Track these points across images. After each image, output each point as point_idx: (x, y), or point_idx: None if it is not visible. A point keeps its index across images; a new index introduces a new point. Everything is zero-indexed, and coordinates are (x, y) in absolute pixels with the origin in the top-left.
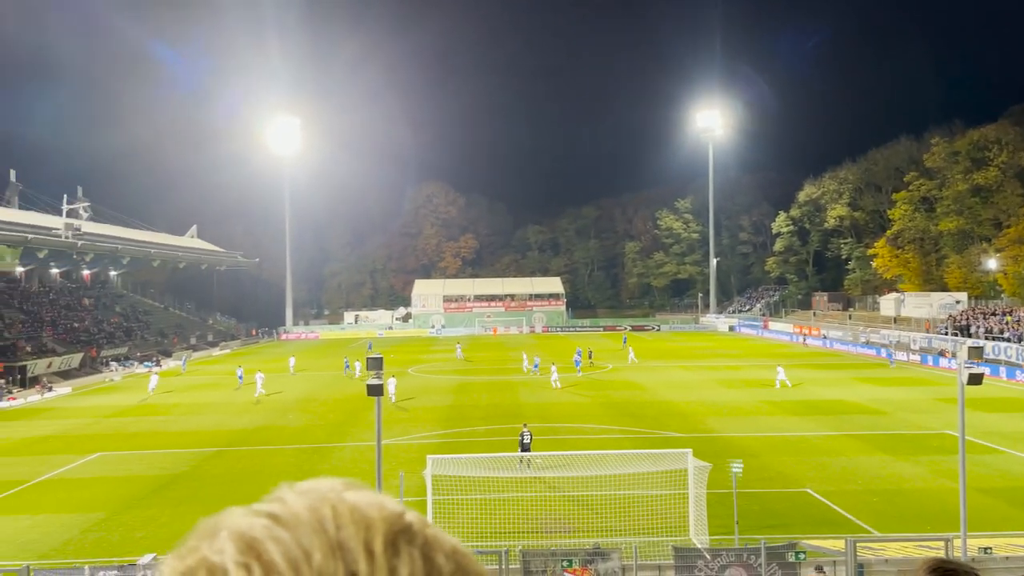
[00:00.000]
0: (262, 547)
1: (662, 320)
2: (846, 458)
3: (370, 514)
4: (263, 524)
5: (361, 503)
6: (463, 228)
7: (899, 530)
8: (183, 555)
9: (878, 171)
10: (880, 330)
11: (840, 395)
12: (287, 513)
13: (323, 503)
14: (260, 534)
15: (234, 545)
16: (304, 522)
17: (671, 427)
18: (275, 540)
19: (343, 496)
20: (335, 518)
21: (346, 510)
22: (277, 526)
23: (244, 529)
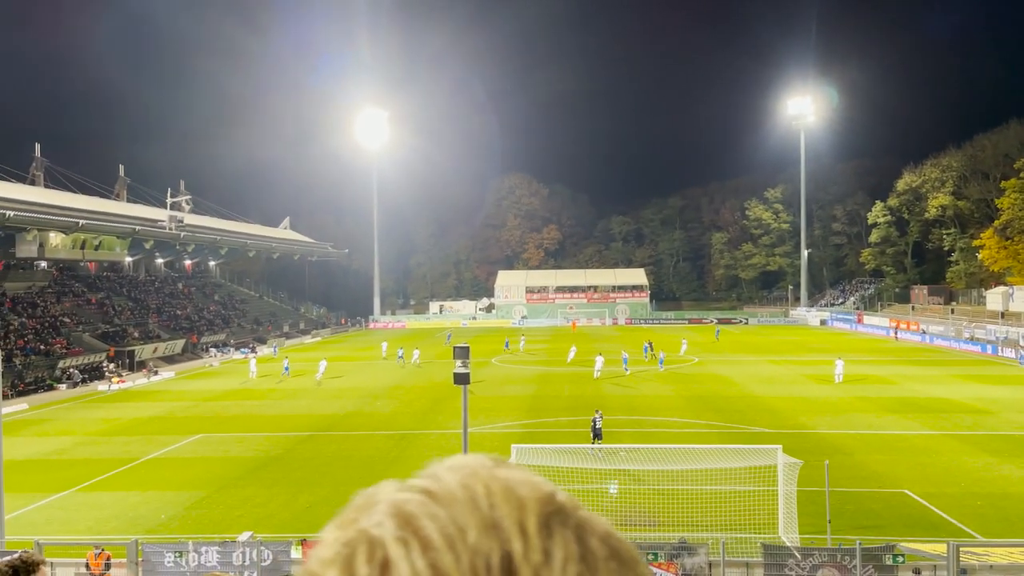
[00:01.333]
0: (419, 523)
1: (750, 313)
2: (947, 458)
3: (523, 493)
4: (419, 500)
5: (513, 481)
6: (546, 219)
7: (1005, 535)
8: (343, 526)
9: (985, 157)
10: (986, 325)
11: (941, 393)
12: (441, 490)
13: (475, 480)
14: (417, 510)
15: (392, 520)
16: (458, 499)
17: (760, 423)
18: (431, 516)
19: (495, 473)
20: (488, 496)
21: (499, 488)
22: (432, 502)
23: (401, 504)
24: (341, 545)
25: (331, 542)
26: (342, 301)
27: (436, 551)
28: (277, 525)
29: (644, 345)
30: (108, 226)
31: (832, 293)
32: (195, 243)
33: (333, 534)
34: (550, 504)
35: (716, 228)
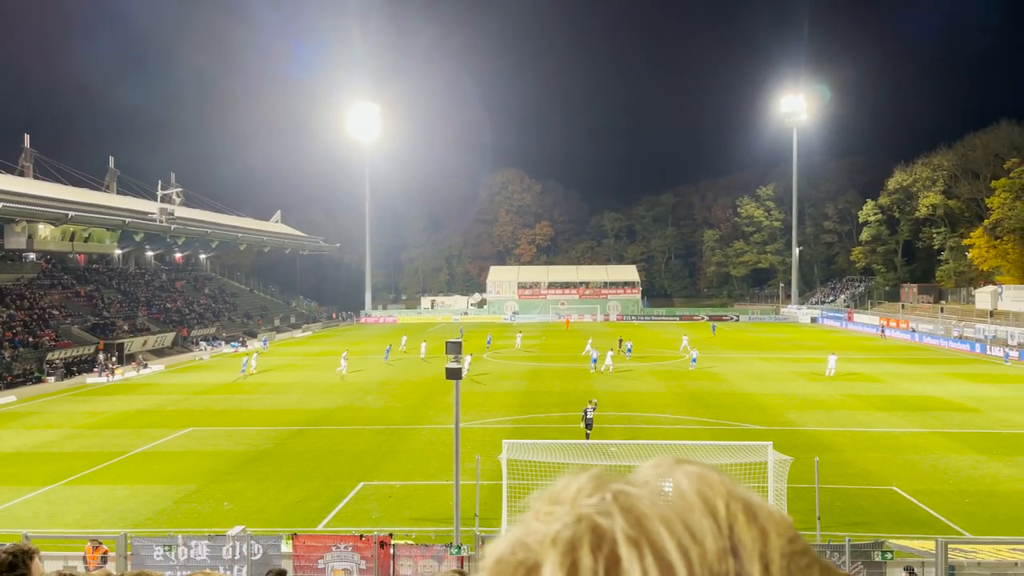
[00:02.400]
0: (651, 525)
1: (741, 310)
2: (936, 456)
3: (765, 521)
4: (650, 498)
5: (754, 504)
6: (538, 215)
7: (992, 532)
8: (559, 501)
9: (976, 157)
10: (975, 324)
11: (930, 391)
12: (676, 494)
13: (713, 492)
14: (648, 510)
15: (623, 516)
16: (695, 509)
17: (750, 419)
18: (665, 521)
19: (733, 490)
20: (728, 515)
21: (740, 509)
22: (665, 505)
23: (632, 498)
24: (563, 525)
25: (548, 516)
26: (333, 295)
27: (670, 563)
28: (267, 519)
29: (618, 340)
30: (98, 218)
31: (823, 291)
32: (185, 236)
33: (547, 507)
34: (795, 543)
35: (708, 225)
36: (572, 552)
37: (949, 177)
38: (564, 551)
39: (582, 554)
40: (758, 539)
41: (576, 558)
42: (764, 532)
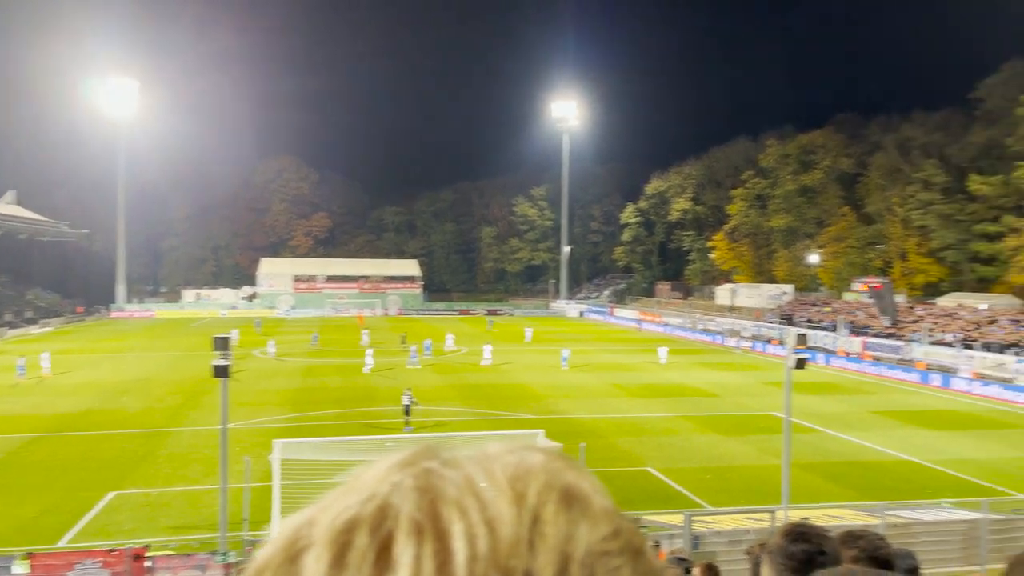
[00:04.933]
0: (444, 509)
1: (515, 304)
2: (683, 438)
3: (581, 515)
4: (460, 481)
5: (576, 495)
6: (315, 206)
7: (730, 504)
8: (370, 479)
9: (719, 168)
10: (716, 318)
11: (679, 379)
12: (490, 477)
13: (530, 479)
14: (450, 492)
15: (418, 497)
16: (503, 496)
17: (524, 409)
18: (461, 506)
19: (556, 480)
20: (536, 505)
21: (555, 499)
22: (471, 490)
23: (437, 478)
24: (352, 503)
25: (344, 495)
26: (80, 287)
27: (451, 550)
28: None
29: (401, 336)
30: None
31: (589, 287)
32: None
33: (348, 485)
34: (615, 539)
35: (486, 223)
36: (348, 533)
37: (697, 185)
38: (339, 531)
39: (357, 535)
40: (564, 532)
41: (349, 539)
42: (574, 525)
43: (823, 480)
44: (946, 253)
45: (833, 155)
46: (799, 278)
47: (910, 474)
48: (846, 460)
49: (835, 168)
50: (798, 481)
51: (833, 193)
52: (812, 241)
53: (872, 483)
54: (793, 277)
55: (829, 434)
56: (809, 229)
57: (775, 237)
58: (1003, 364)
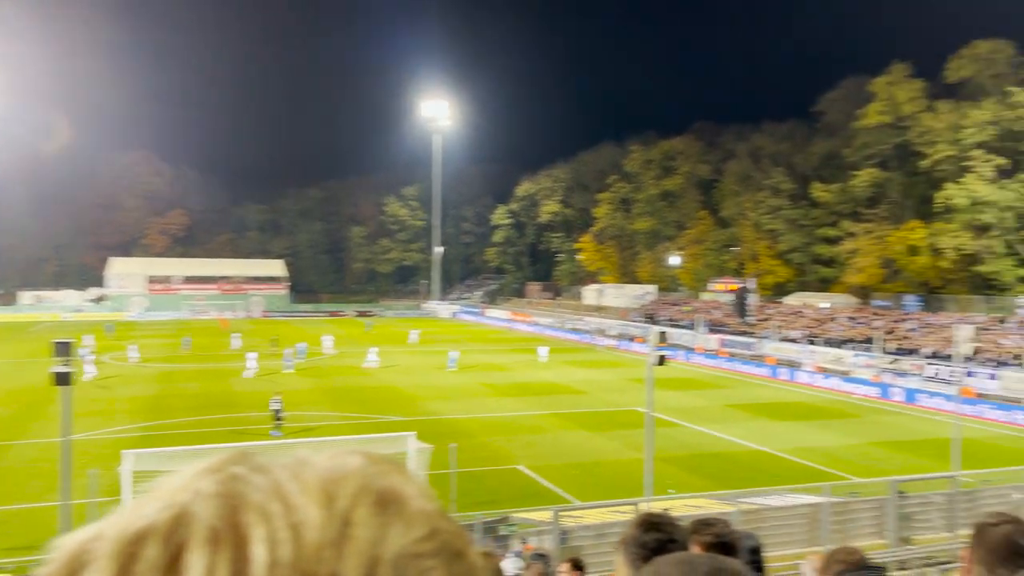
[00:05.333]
0: (245, 516)
1: (386, 306)
2: (552, 435)
3: (395, 517)
4: (266, 486)
5: (392, 497)
6: (171, 202)
7: (596, 498)
8: (171, 487)
9: (586, 172)
10: (584, 317)
11: (548, 377)
12: (299, 480)
13: (343, 482)
14: (255, 498)
15: (218, 504)
16: (311, 499)
17: (394, 411)
18: (264, 512)
19: (372, 483)
20: (347, 508)
21: (369, 501)
22: (277, 494)
23: (242, 484)
24: (149, 513)
25: (143, 504)
26: None
27: (248, 558)
28: None
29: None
30: None
31: (461, 288)
32: None
33: (149, 495)
34: (430, 540)
35: (355, 222)
36: (136, 544)
37: (566, 188)
38: (127, 542)
39: (147, 546)
40: (374, 535)
41: (137, 551)
42: (386, 527)
43: (683, 471)
44: (792, 255)
45: (692, 161)
46: (661, 279)
47: (761, 463)
48: (704, 452)
49: (694, 174)
50: (660, 473)
51: (692, 198)
52: (673, 243)
53: (727, 473)
54: (656, 278)
55: (689, 427)
56: (670, 232)
57: (639, 239)
58: (842, 358)
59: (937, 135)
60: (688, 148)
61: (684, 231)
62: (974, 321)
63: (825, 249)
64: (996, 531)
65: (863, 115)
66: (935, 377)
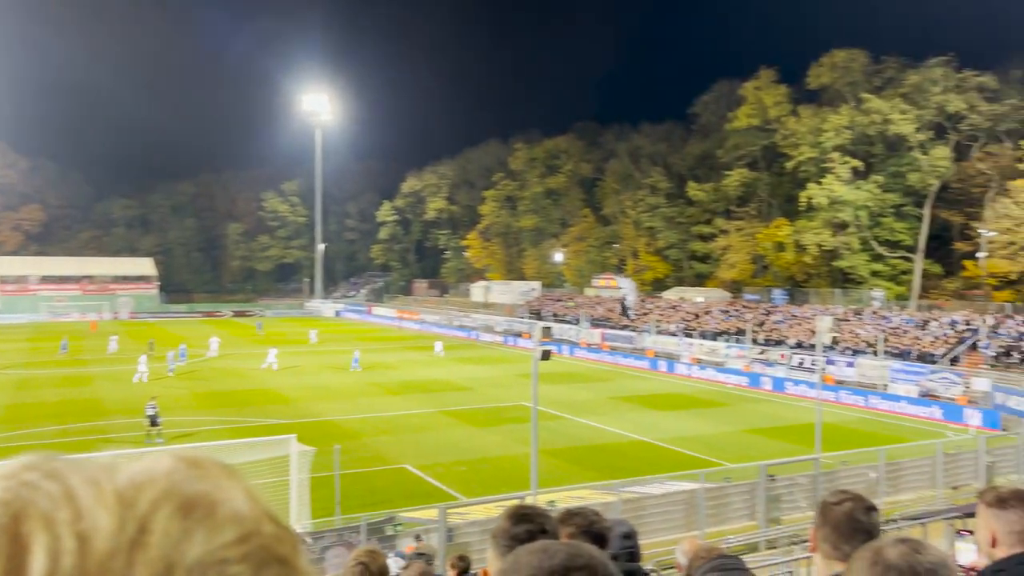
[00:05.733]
0: (26, 525)
1: (266, 305)
2: (439, 433)
3: (201, 522)
4: (56, 493)
5: (201, 501)
6: (26, 196)
7: (483, 494)
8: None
9: (472, 169)
10: (471, 314)
11: (435, 375)
12: (93, 486)
13: (146, 486)
14: (42, 505)
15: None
16: (105, 505)
17: (276, 414)
18: (48, 520)
19: (181, 487)
20: (146, 513)
21: (173, 505)
22: (69, 500)
23: (31, 491)
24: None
25: None
26: None
27: (25, 567)
28: None
29: (149, 342)
30: None
31: (345, 286)
32: None
33: None
34: (244, 544)
35: (232, 218)
36: None
37: (452, 185)
38: None
39: None
40: (173, 540)
41: None
42: (188, 532)
43: (568, 464)
44: (670, 252)
45: (575, 160)
46: (546, 275)
47: (642, 452)
48: (588, 444)
49: (577, 172)
50: (546, 466)
51: (575, 196)
52: (557, 240)
53: (610, 463)
54: (541, 274)
55: (573, 420)
56: (554, 229)
57: (524, 236)
58: (716, 350)
59: (800, 138)
60: (571, 147)
61: (568, 228)
62: (834, 313)
63: (700, 246)
64: (839, 509)
65: (734, 118)
66: (800, 366)
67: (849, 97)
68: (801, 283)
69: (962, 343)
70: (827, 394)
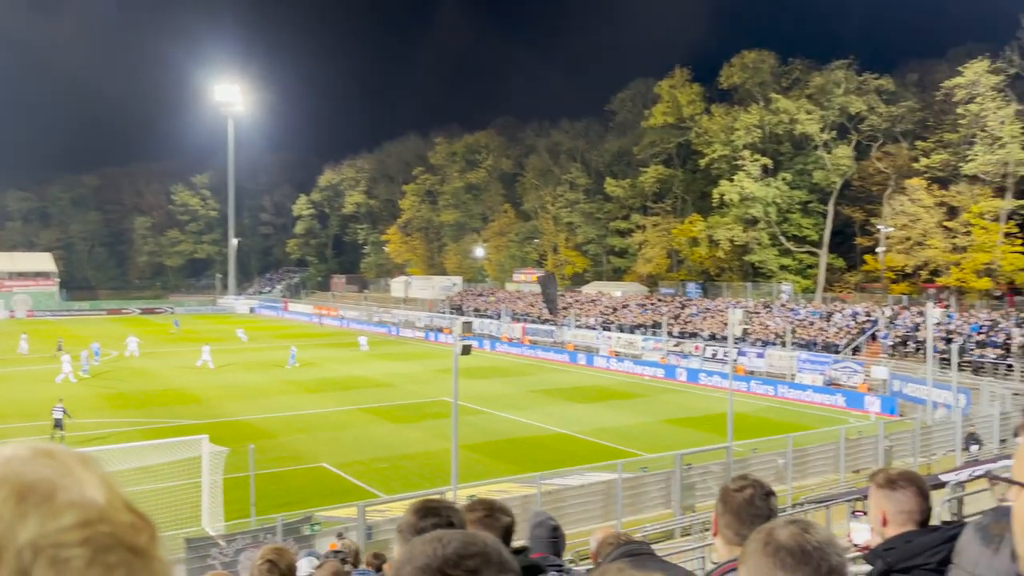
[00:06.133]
0: None
1: (176, 302)
2: (358, 430)
3: (36, 507)
4: None
5: (37, 488)
6: None
7: (404, 491)
8: None
9: (391, 163)
10: (391, 310)
11: (355, 371)
12: None
13: None
14: None
15: None
16: None
17: (187, 415)
18: None
19: (16, 473)
20: None
21: (9, 492)
22: None
23: None
24: None
25: None
26: None
27: None
28: None
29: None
30: None
31: (260, 281)
32: None
33: None
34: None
35: (139, 212)
36: None
37: (370, 179)
38: None
39: None
40: (6, 522)
41: None
42: (22, 516)
43: (489, 458)
44: (589, 247)
45: (495, 155)
46: (467, 270)
47: (562, 445)
48: (509, 438)
49: (497, 167)
50: (467, 461)
51: (496, 191)
52: (478, 235)
53: (531, 456)
54: (462, 269)
55: (495, 414)
56: (475, 224)
57: (445, 231)
58: (633, 342)
59: (713, 136)
60: (491, 142)
61: (489, 223)
62: (745, 306)
63: (618, 241)
64: (739, 495)
65: (650, 115)
66: (713, 357)
67: (759, 97)
68: (714, 277)
69: (863, 334)
70: (739, 384)
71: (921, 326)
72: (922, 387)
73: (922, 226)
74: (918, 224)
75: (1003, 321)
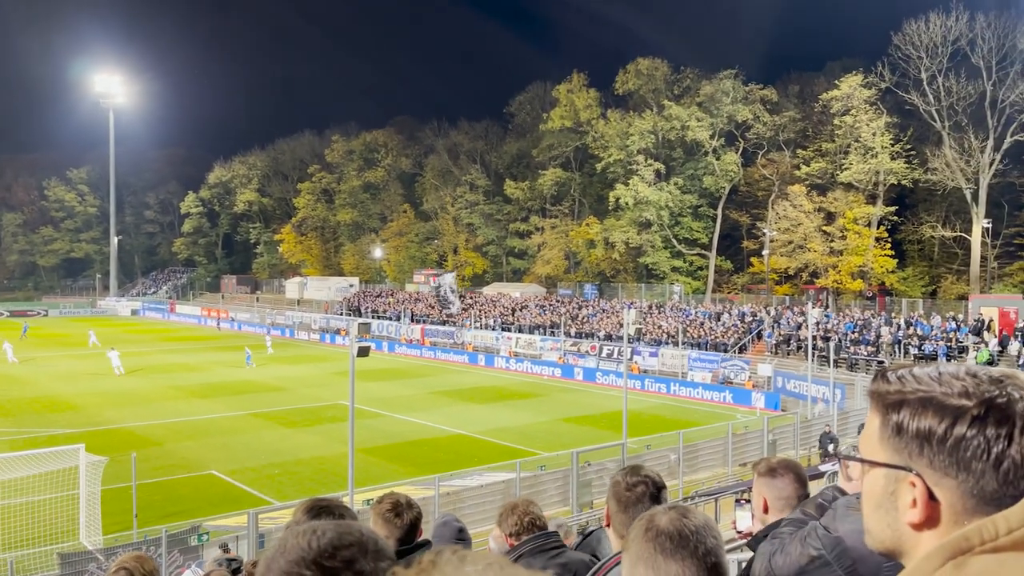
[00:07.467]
0: None
1: (50, 304)
2: (249, 436)
3: None
4: None
5: None
6: None
7: (298, 497)
8: None
9: (285, 160)
10: (286, 311)
11: (245, 375)
12: None
13: None
14: None
15: None
16: None
17: (61, 423)
18: None
19: None
20: None
21: None
22: None
23: None
24: None
25: None
26: None
27: None
28: None
29: None
30: None
31: (144, 282)
32: None
33: None
34: None
35: (8, 208)
36: None
37: (263, 176)
38: None
39: None
40: None
41: None
42: None
43: (387, 461)
44: (489, 248)
45: (394, 154)
46: (365, 271)
47: (461, 446)
48: (407, 440)
49: (396, 167)
50: (365, 465)
51: (395, 190)
52: (376, 235)
53: (430, 458)
54: (360, 270)
55: (393, 417)
56: (373, 224)
57: (342, 231)
58: (532, 343)
59: (609, 140)
60: (389, 141)
61: (388, 223)
62: (639, 306)
63: (517, 242)
64: (628, 488)
65: (548, 119)
66: (609, 357)
67: (652, 104)
68: (610, 278)
69: (749, 333)
70: (633, 383)
71: (803, 325)
72: (803, 383)
73: (803, 231)
74: (799, 229)
75: (874, 320)
